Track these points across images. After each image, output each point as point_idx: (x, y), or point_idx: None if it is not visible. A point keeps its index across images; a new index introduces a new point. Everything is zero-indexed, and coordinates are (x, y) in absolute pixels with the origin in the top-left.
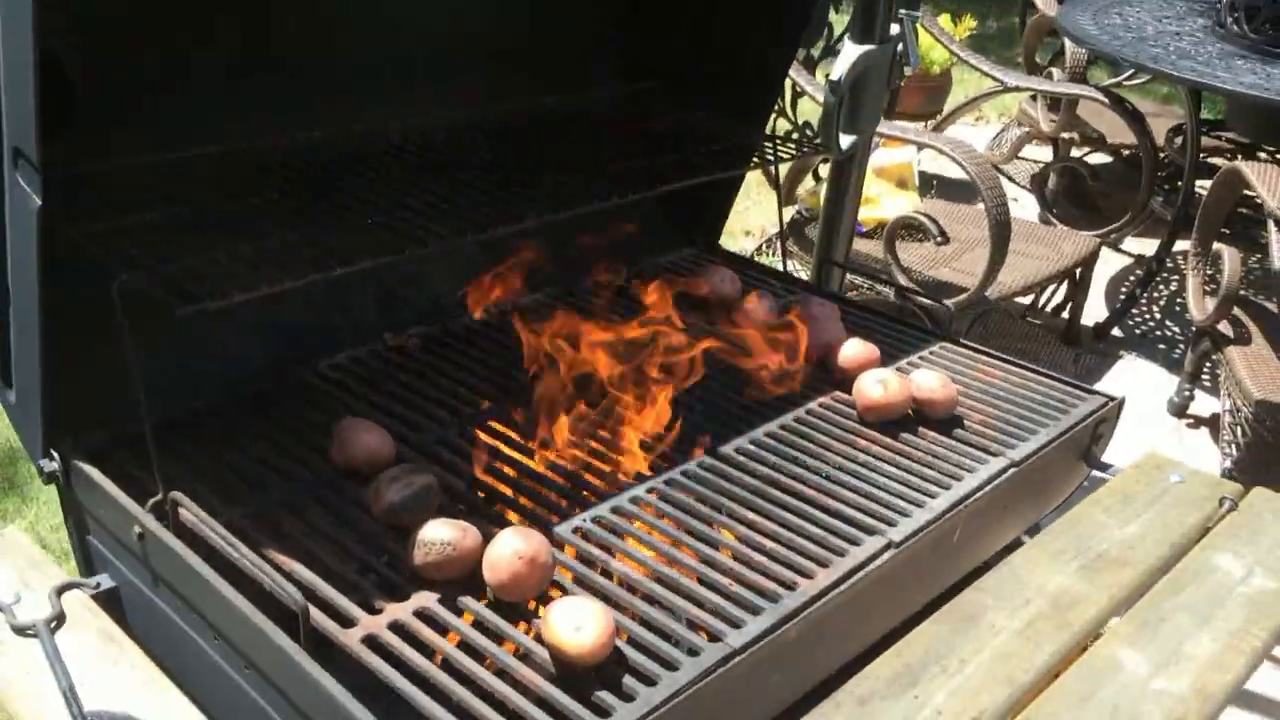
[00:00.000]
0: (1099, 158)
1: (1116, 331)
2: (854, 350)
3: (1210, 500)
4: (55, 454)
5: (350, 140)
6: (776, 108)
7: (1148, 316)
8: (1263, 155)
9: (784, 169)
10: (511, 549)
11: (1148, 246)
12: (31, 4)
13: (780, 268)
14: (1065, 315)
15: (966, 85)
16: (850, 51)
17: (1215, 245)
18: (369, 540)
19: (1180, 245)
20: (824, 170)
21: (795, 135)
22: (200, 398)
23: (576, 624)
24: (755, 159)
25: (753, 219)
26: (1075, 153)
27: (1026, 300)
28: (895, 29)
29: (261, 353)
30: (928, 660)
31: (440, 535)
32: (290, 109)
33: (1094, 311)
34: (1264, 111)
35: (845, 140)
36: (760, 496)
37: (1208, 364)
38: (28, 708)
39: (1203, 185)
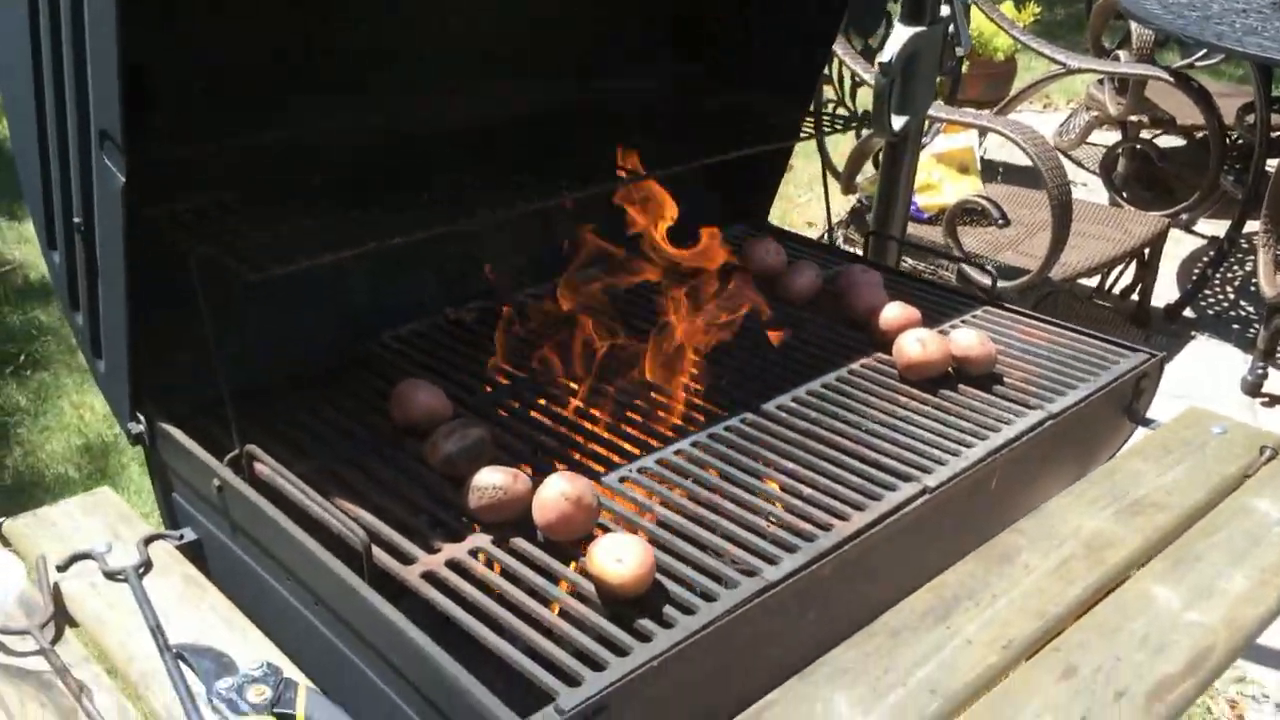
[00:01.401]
0: (1170, 140)
1: (1189, 313)
2: (895, 313)
3: (1251, 450)
4: (141, 417)
5: (409, 124)
6: (835, 97)
7: (1221, 297)
8: None
9: (842, 156)
10: (559, 491)
11: (1222, 228)
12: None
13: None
14: (1135, 297)
15: (1034, 71)
16: (900, 33)
17: None
18: (427, 489)
19: (1253, 225)
20: None
21: (850, 118)
22: (271, 368)
23: (618, 556)
24: (803, 133)
25: (815, 211)
26: (1145, 135)
27: (1093, 283)
28: (945, 10)
29: (330, 327)
30: (961, 595)
31: (492, 480)
32: (351, 96)
33: (1167, 294)
34: None
35: (897, 122)
36: (800, 449)
37: None
38: (116, 641)
39: (1274, 163)
